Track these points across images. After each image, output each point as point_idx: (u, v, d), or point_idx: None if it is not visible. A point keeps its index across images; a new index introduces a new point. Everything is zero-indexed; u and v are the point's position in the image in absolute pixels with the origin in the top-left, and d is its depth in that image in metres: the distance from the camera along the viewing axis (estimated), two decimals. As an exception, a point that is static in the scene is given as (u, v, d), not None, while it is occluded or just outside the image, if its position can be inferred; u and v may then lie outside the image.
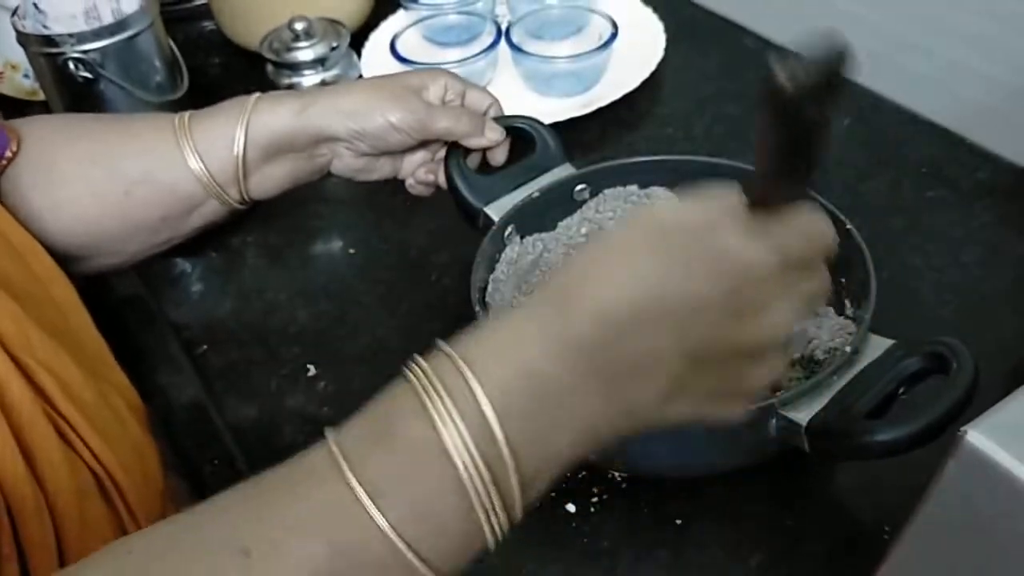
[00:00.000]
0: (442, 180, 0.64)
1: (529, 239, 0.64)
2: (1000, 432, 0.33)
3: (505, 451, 0.34)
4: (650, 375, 0.36)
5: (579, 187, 0.65)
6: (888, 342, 0.51)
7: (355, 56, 0.91)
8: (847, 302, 0.59)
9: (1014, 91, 0.73)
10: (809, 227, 0.38)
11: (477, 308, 0.55)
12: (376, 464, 0.34)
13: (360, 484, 0.33)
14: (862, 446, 0.45)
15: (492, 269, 0.61)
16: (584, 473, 0.56)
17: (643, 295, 0.35)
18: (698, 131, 0.83)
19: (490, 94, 0.64)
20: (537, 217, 0.64)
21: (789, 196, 0.36)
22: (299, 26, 0.85)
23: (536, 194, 0.62)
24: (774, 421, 0.49)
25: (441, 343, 0.37)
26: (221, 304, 0.73)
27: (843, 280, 0.60)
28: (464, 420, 0.34)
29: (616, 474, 0.56)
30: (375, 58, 0.93)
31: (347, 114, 0.58)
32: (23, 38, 0.76)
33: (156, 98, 0.81)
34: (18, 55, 0.85)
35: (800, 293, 0.38)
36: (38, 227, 0.56)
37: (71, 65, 0.76)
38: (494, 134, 0.62)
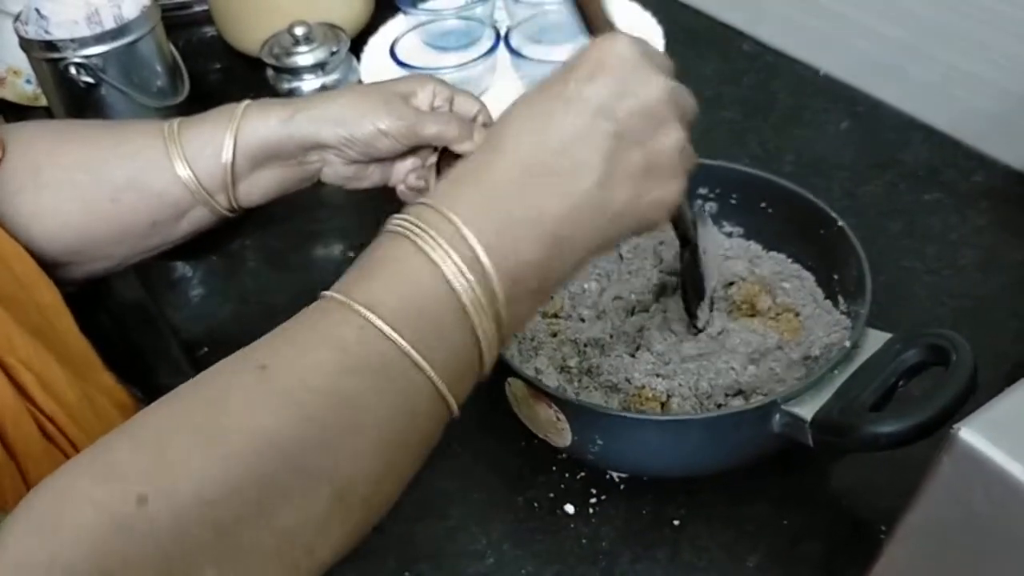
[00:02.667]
0: (432, 185, 0.63)
1: None
2: (993, 429, 0.33)
3: (484, 257, 0.39)
4: (585, 159, 0.41)
5: None
6: (886, 336, 0.52)
7: (355, 61, 0.92)
8: (840, 298, 0.60)
9: (1011, 95, 0.74)
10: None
11: None
12: (368, 284, 0.38)
13: (356, 300, 0.37)
14: (867, 439, 0.45)
15: None
16: (583, 474, 0.56)
17: (561, 101, 0.42)
18: (696, 135, 0.83)
19: (478, 100, 0.64)
20: None
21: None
22: (299, 31, 0.86)
23: None
24: (778, 417, 0.49)
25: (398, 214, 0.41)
26: (222, 307, 0.73)
27: (836, 276, 0.60)
28: (448, 241, 0.39)
29: (615, 475, 0.56)
30: (375, 63, 0.93)
31: (336, 121, 0.58)
32: (25, 43, 0.77)
33: (157, 103, 0.82)
34: (20, 60, 0.86)
35: (661, 68, 0.44)
36: (24, 233, 0.56)
37: (73, 70, 0.76)
38: (482, 138, 0.61)
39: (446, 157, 0.62)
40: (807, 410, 0.48)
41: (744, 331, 0.59)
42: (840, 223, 0.59)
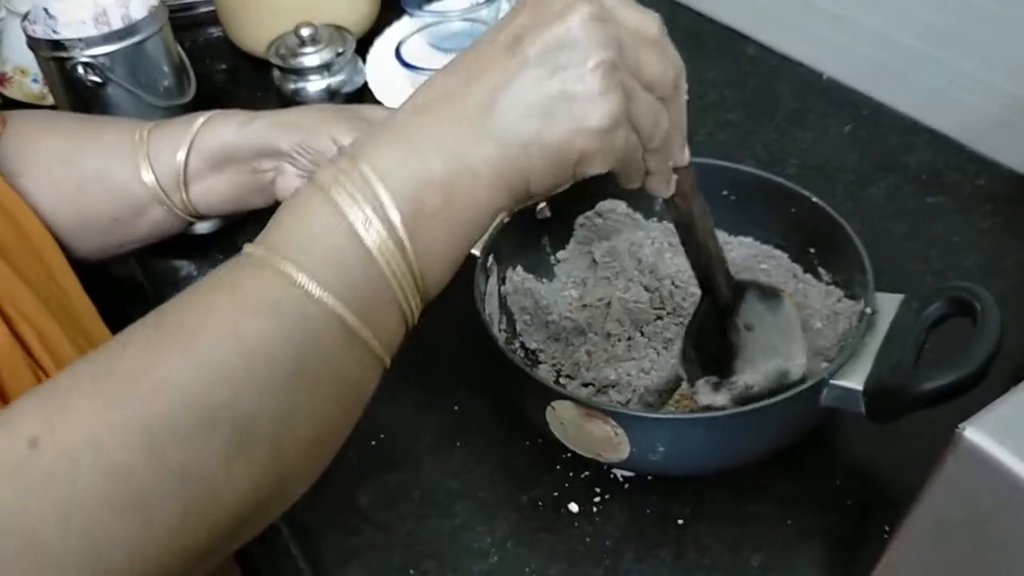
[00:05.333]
0: None
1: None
2: (998, 428, 0.34)
3: (384, 194, 0.37)
4: (482, 88, 0.39)
5: (540, 205, 0.65)
6: (898, 297, 0.53)
7: (360, 62, 0.92)
8: (822, 270, 0.62)
9: (1015, 99, 0.74)
10: None
11: (502, 346, 0.54)
12: (291, 241, 0.37)
13: (281, 257, 0.37)
14: (925, 395, 0.46)
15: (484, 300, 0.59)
16: (587, 473, 0.57)
17: (463, 53, 0.41)
18: (700, 138, 0.84)
19: None
20: (509, 243, 0.63)
21: None
22: (305, 32, 0.86)
23: (506, 219, 0.62)
24: (826, 392, 0.50)
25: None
26: (227, 306, 0.73)
27: (812, 250, 0.62)
28: (344, 174, 0.38)
29: (619, 474, 0.56)
30: (380, 64, 0.94)
31: (291, 127, 0.60)
32: (33, 43, 0.77)
33: (164, 103, 0.82)
34: (27, 59, 0.86)
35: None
36: None
37: (80, 69, 0.77)
38: None
39: None
40: (856, 380, 0.49)
41: None
42: (814, 199, 0.60)
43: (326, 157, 0.59)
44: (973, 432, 0.34)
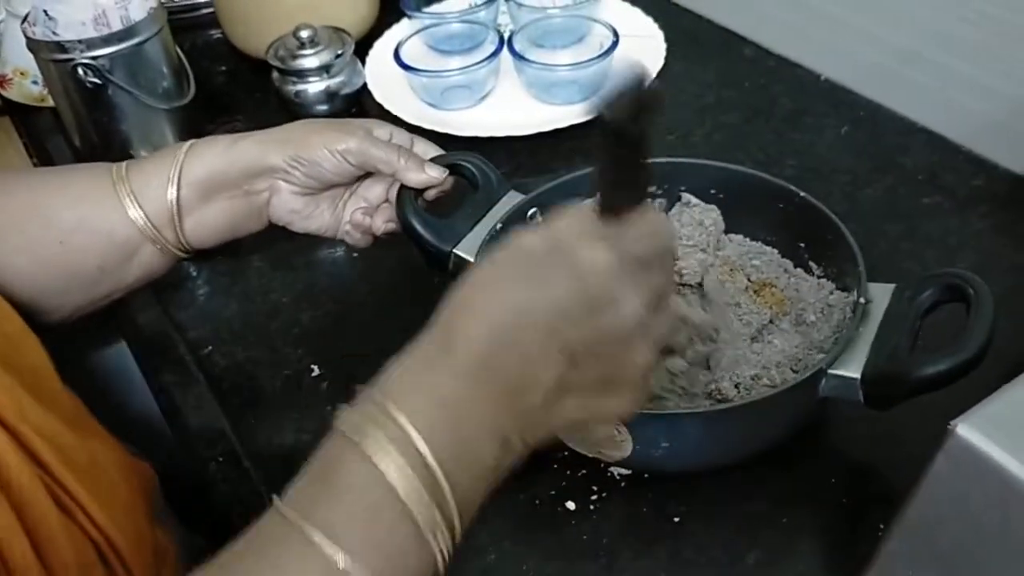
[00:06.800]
0: (377, 226, 0.63)
1: None
2: (990, 425, 0.34)
3: (439, 473, 0.37)
4: (534, 379, 0.39)
5: (531, 211, 0.65)
6: (890, 287, 0.53)
7: (359, 64, 0.92)
8: (813, 264, 0.62)
9: (1010, 100, 0.74)
10: (649, 226, 0.41)
11: None
12: (326, 509, 0.36)
13: (315, 528, 0.36)
14: (924, 380, 0.47)
15: None
16: (584, 472, 0.57)
17: (513, 314, 0.39)
18: (697, 139, 0.84)
19: (437, 148, 0.64)
20: None
21: (632, 201, 0.41)
22: (304, 34, 0.87)
23: (499, 226, 0.62)
24: (824, 382, 0.50)
25: (364, 389, 0.39)
26: (226, 306, 0.74)
27: (803, 244, 0.63)
28: (400, 452, 0.36)
29: (615, 472, 0.57)
30: (379, 66, 0.94)
31: (282, 141, 0.58)
32: (33, 44, 0.77)
33: (163, 104, 0.82)
34: (27, 61, 0.86)
35: (645, 283, 0.41)
36: None
37: (80, 71, 0.77)
38: (435, 171, 0.60)
39: (405, 192, 0.61)
40: (854, 368, 0.50)
41: (746, 312, 0.60)
42: (802, 194, 0.61)
43: (321, 167, 0.58)
44: (965, 429, 0.34)
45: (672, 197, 0.67)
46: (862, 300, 0.53)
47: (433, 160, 0.62)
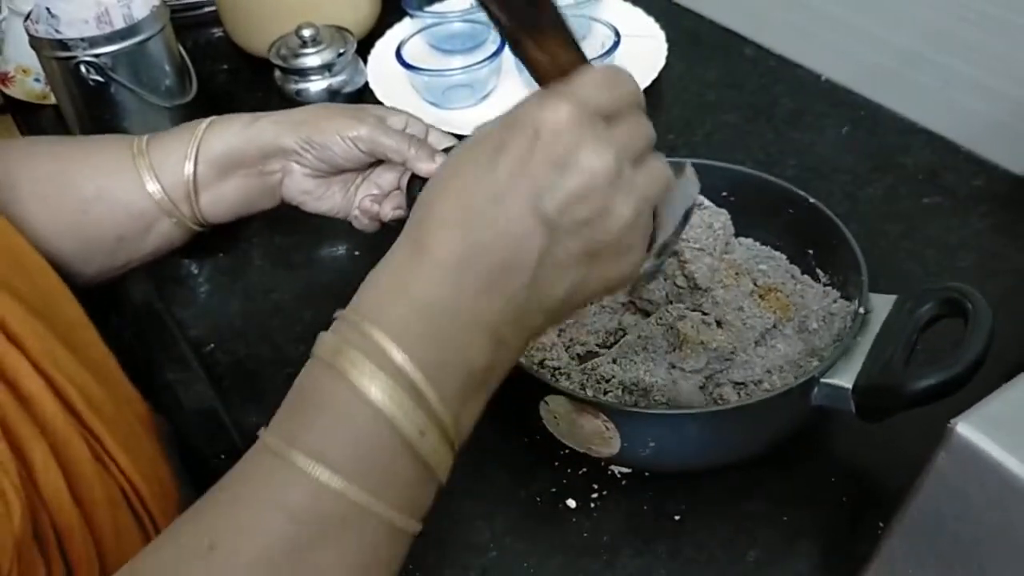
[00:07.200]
0: (385, 212, 0.63)
1: None
2: (989, 424, 0.34)
3: (422, 381, 0.36)
4: (516, 258, 0.38)
5: None
6: (891, 298, 0.53)
7: (361, 63, 0.93)
8: (820, 271, 0.62)
9: (1010, 100, 0.75)
10: (604, 77, 0.39)
11: None
12: (308, 433, 0.37)
13: (299, 452, 0.36)
14: (915, 394, 0.46)
15: None
16: (585, 470, 0.57)
17: (482, 195, 0.38)
18: (698, 138, 0.84)
19: (453, 137, 0.64)
20: None
21: (570, 56, 0.38)
22: (306, 33, 0.87)
23: None
24: (816, 390, 0.50)
25: (337, 312, 0.39)
26: (228, 304, 0.74)
27: (811, 251, 0.63)
28: (379, 366, 0.36)
29: (616, 471, 0.57)
30: (381, 65, 0.94)
31: (296, 124, 0.59)
32: (36, 42, 0.78)
33: (166, 102, 0.82)
34: (30, 59, 0.86)
35: (614, 136, 0.38)
36: None
37: (82, 69, 0.77)
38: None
39: (415, 181, 0.61)
40: (846, 379, 0.50)
41: (750, 316, 0.60)
42: (811, 200, 0.61)
43: (332, 151, 0.59)
44: (965, 427, 0.34)
45: None
46: (861, 310, 0.53)
47: (446, 151, 0.62)
